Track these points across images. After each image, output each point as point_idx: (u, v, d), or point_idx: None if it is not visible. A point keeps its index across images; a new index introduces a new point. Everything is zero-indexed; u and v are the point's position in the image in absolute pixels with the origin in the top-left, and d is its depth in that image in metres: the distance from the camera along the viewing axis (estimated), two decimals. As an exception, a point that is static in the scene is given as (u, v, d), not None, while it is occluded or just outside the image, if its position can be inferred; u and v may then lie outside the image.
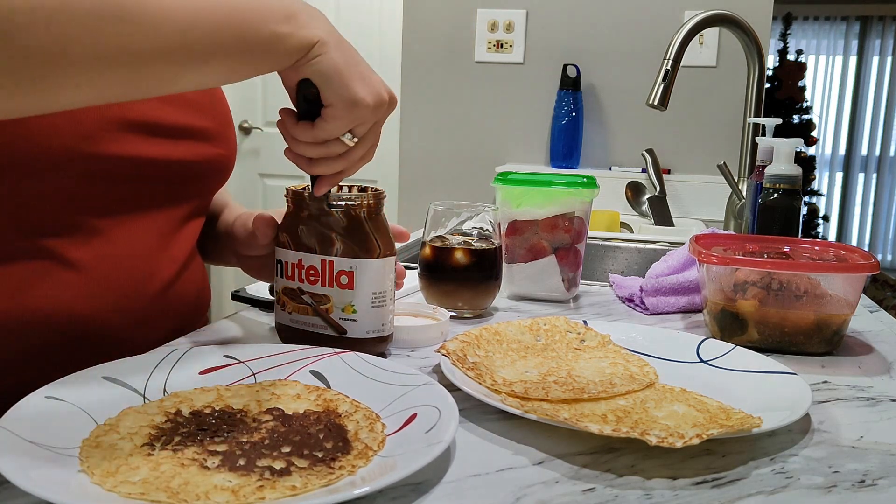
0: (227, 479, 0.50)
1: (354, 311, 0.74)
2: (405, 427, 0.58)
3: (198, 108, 0.83)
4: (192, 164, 0.82)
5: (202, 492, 0.48)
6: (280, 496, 0.48)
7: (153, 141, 0.77)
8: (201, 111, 0.83)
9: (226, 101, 0.91)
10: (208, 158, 0.84)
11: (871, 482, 0.55)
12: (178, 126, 0.80)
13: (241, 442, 0.56)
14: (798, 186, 1.11)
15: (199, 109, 0.83)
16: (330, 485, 0.50)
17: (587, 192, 1.02)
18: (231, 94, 3.41)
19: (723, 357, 0.78)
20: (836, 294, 0.85)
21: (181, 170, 0.81)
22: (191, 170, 0.82)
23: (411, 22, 2.76)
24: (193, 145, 0.82)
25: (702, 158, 2.54)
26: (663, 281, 1.03)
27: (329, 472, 0.51)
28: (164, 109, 0.78)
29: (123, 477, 0.50)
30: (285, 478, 0.50)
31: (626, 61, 2.60)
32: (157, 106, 0.77)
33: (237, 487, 0.49)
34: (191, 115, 0.81)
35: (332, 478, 0.50)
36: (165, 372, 0.66)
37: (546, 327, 0.84)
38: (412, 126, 2.83)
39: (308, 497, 0.48)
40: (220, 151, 0.86)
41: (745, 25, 1.47)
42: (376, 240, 0.74)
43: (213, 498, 0.47)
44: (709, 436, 0.56)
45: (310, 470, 0.52)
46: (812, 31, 6.66)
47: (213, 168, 0.86)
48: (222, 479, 0.50)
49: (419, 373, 0.66)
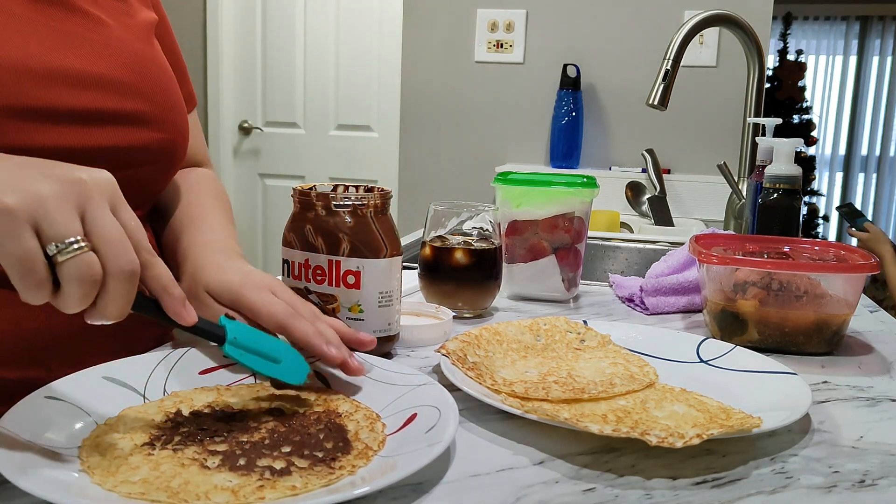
0: (227, 479, 0.50)
1: (361, 310, 0.75)
2: (405, 427, 0.58)
3: (120, 90, 0.74)
4: (116, 151, 0.73)
5: (202, 491, 0.48)
6: (280, 496, 0.48)
7: (56, 129, 0.69)
8: (126, 93, 0.74)
9: (170, 82, 0.82)
10: (142, 145, 0.76)
11: (871, 482, 0.55)
12: (90, 110, 0.71)
13: (241, 442, 0.56)
14: (798, 186, 1.11)
15: (123, 92, 0.74)
16: (330, 485, 0.50)
17: (587, 192, 1.02)
18: (231, 94, 3.43)
19: (723, 357, 0.78)
20: (836, 294, 0.85)
21: (101, 159, 0.71)
22: (117, 158, 0.73)
23: (411, 22, 2.76)
24: (120, 131, 0.74)
25: (702, 158, 2.54)
26: (663, 281, 1.03)
27: (329, 472, 0.51)
28: (71, 93, 0.70)
29: (123, 477, 0.50)
30: (285, 478, 0.50)
31: (626, 61, 2.60)
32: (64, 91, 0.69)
33: (237, 487, 0.49)
34: (110, 98, 0.73)
35: (332, 478, 0.50)
36: (165, 372, 0.66)
37: (546, 327, 0.84)
38: (412, 126, 2.83)
39: (308, 497, 0.48)
40: (158, 136, 0.77)
41: (745, 25, 1.47)
42: (383, 239, 0.75)
43: (214, 498, 0.47)
44: (709, 436, 0.56)
45: (310, 470, 0.52)
46: (812, 31, 6.65)
47: (149, 155, 0.77)
48: (222, 479, 0.50)
49: (419, 373, 0.66)
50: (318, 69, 3.31)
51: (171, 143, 0.80)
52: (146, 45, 0.81)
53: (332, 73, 3.30)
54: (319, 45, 3.29)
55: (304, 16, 3.29)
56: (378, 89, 3.23)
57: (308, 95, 3.34)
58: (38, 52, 0.69)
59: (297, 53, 3.32)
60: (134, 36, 0.80)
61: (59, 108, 0.69)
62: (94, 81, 0.72)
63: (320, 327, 0.66)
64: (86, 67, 0.72)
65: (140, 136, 0.76)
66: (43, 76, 0.68)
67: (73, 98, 0.70)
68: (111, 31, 0.77)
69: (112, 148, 0.74)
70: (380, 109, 3.24)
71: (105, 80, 0.73)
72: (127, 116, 0.75)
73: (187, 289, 0.70)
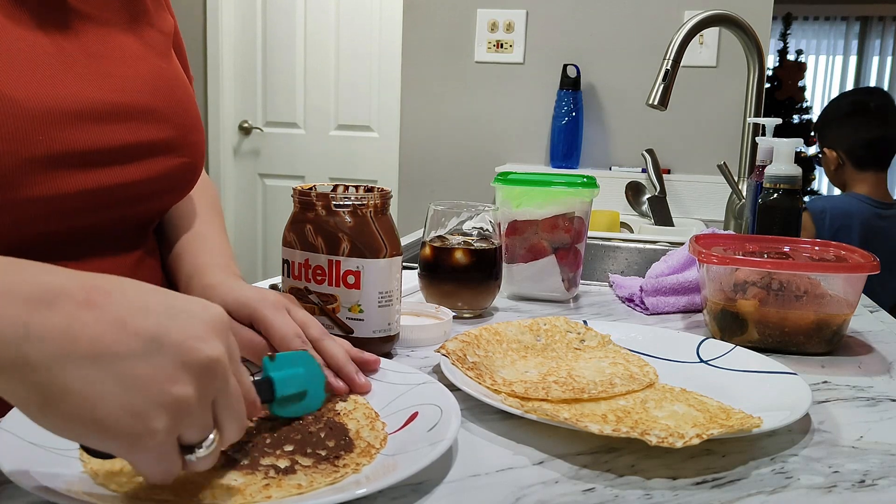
0: (232, 478, 0.50)
1: (361, 310, 0.75)
2: (406, 426, 0.58)
3: (149, 118, 0.72)
4: (147, 183, 0.73)
5: (208, 491, 0.48)
6: (286, 495, 0.48)
7: (88, 172, 0.67)
8: (154, 121, 0.73)
9: (189, 99, 0.80)
10: (166, 172, 0.75)
11: (871, 482, 0.55)
12: (121, 146, 0.69)
13: (242, 442, 0.56)
14: (798, 186, 1.11)
15: (151, 119, 0.73)
16: (335, 483, 0.50)
17: (587, 192, 1.02)
18: (231, 94, 3.43)
19: (723, 357, 0.78)
20: (836, 294, 0.85)
21: (135, 192, 0.72)
22: (144, 190, 0.73)
23: (411, 22, 2.76)
24: (150, 163, 0.73)
25: (702, 158, 2.54)
26: (663, 281, 1.03)
27: (334, 471, 0.51)
28: (101, 130, 0.68)
29: (127, 477, 0.50)
30: (290, 476, 0.50)
31: (626, 61, 2.60)
32: (94, 128, 0.67)
33: (243, 486, 0.49)
34: (139, 130, 0.71)
35: (336, 476, 0.50)
36: None
37: (546, 327, 0.84)
38: (412, 126, 2.83)
39: (315, 495, 0.48)
40: (180, 160, 0.76)
41: (745, 25, 1.47)
42: (383, 239, 0.75)
43: (220, 496, 0.47)
44: (709, 436, 0.56)
45: (314, 468, 0.52)
46: (812, 31, 6.65)
47: (172, 182, 0.77)
48: (228, 479, 0.50)
49: (419, 372, 0.67)
50: (318, 69, 3.31)
51: (191, 166, 0.78)
52: (166, 62, 0.78)
53: (332, 73, 3.30)
54: (319, 45, 3.29)
55: (304, 16, 3.29)
56: (378, 89, 3.23)
57: (308, 95, 3.34)
58: (67, 92, 0.66)
59: (297, 53, 3.32)
60: (155, 53, 0.77)
61: (91, 148, 0.67)
62: (124, 113, 0.70)
63: (329, 347, 0.67)
64: (114, 99, 0.69)
65: (166, 164, 0.74)
66: (72, 116, 0.65)
67: (104, 135, 0.68)
68: (134, 52, 0.74)
69: (143, 181, 0.72)
70: (380, 109, 3.24)
71: (134, 110, 0.71)
72: (156, 146, 0.73)
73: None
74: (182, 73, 0.82)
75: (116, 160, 0.69)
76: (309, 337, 0.67)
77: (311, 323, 0.69)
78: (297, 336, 0.66)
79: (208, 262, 0.78)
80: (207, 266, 0.77)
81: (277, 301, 0.69)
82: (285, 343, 0.66)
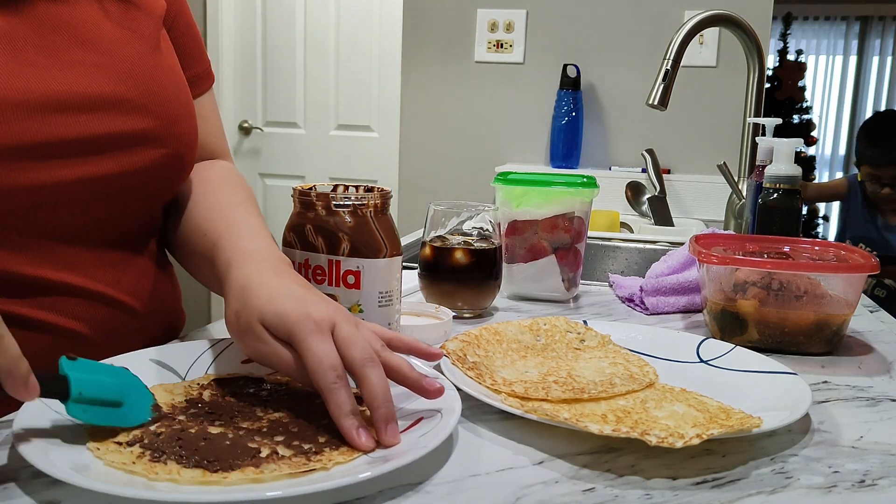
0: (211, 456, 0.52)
1: (361, 310, 0.75)
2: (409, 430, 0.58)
3: (121, 108, 0.70)
4: (122, 176, 0.71)
5: (174, 468, 0.50)
6: (243, 479, 0.49)
7: (56, 163, 0.66)
8: (127, 111, 0.71)
9: (176, 89, 0.77)
10: (147, 164, 0.73)
11: (871, 482, 0.55)
12: (90, 137, 0.68)
13: (239, 427, 0.57)
14: (798, 186, 1.11)
15: (124, 110, 0.71)
16: (293, 477, 0.50)
17: (587, 192, 1.02)
18: (231, 93, 3.42)
19: (723, 357, 0.78)
20: (836, 294, 0.85)
21: (106, 186, 0.71)
22: (123, 182, 0.72)
23: (411, 22, 2.76)
24: (125, 155, 0.71)
25: (702, 158, 2.54)
26: (663, 281, 1.03)
27: (304, 464, 0.51)
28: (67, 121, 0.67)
29: (115, 448, 0.52)
30: (265, 464, 0.51)
31: (626, 61, 2.59)
32: (59, 119, 0.66)
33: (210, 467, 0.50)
34: (111, 120, 0.69)
35: (299, 471, 0.50)
36: (211, 358, 0.69)
37: (546, 327, 0.84)
38: (412, 126, 2.83)
39: (265, 486, 0.48)
40: (163, 152, 0.74)
41: (745, 25, 1.47)
42: (383, 239, 0.75)
43: (184, 474, 0.49)
44: (709, 436, 0.56)
45: (287, 460, 0.52)
46: (812, 31, 6.65)
47: (155, 173, 0.75)
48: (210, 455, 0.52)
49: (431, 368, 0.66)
50: (318, 69, 3.31)
51: (177, 158, 0.76)
52: (149, 50, 0.76)
53: (332, 73, 3.30)
54: (319, 45, 3.29)
55: (304, 16, 3.29)
56: (378, 89, 3.23)
57: (308, 95, 3.34)
58: (33, 81, 0.65)
59: (297, 53, 3.32)
60: (138, 40, 0.75)
61: (58, 139, 0.66)
62: (93, 103, 0.68)
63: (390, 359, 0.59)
64: (83, 88, 0.68)
65: (145, 156, 0.72)
66: (37, 107, 0.64)
67: (71, 126, 0.66)
68: (112, 38, 0.72)
69: (118, 174, 0.71)
70: (380, 109, 3.24)
71: (104, 99, 0.69)
72: (130, 137, 0.71)
73: (238, 315, 0.62)
74: (171, 59, 0.79)
75: (87, 151, 0.67)
76: (348, 358, 0.57)
77: (354, 341, 0.58)
78: (332, 369, 0.56)
79: (248, 248, 0.69)
80: (248, 254, 0.68)
81: (321, 319, 0.58)
82: (315, 378, 0.57)
